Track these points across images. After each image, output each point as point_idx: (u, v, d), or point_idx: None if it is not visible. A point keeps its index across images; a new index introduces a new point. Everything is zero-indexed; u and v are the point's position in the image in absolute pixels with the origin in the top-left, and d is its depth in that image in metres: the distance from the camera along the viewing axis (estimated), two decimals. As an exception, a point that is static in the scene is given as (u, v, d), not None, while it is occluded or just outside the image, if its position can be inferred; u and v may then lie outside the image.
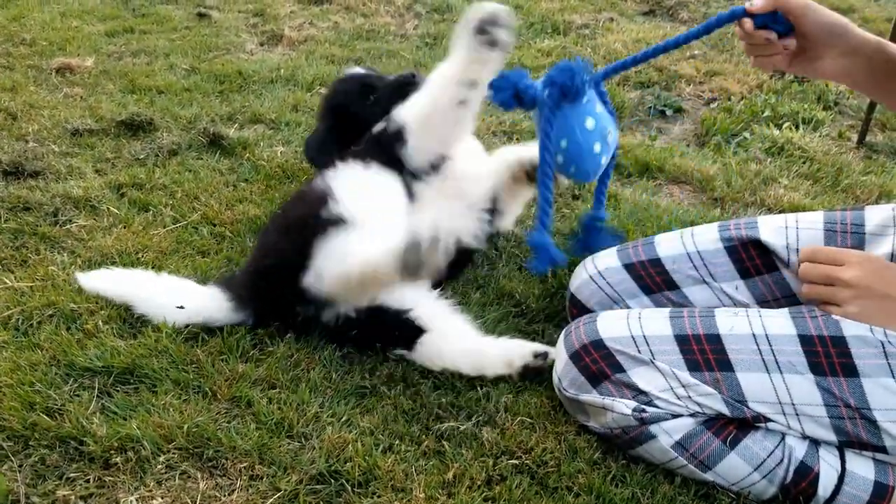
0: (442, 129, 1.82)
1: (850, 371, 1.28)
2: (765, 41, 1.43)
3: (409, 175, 1.86)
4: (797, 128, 3.09)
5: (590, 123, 1.51)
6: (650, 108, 3.32)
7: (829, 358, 1.30)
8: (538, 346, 1.64)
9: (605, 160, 1.58)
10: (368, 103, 2.05)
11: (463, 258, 1.93)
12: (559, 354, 1.51)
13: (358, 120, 2.04)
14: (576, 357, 1.45)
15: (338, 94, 2.18)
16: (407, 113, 1.85)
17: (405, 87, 1.96)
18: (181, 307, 1.70)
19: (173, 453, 1.38)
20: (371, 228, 1.64)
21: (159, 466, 1.35)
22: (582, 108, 1.51)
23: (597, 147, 1.53)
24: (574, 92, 1.48)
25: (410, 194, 1.85)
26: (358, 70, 2.25)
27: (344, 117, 2.11)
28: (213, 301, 1.72)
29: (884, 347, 1.27)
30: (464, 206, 1.92)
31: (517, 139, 2.84)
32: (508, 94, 1.52)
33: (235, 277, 1.79)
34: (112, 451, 1.37)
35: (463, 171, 1.91)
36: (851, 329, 1.30)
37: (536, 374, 1.62)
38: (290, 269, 1.65)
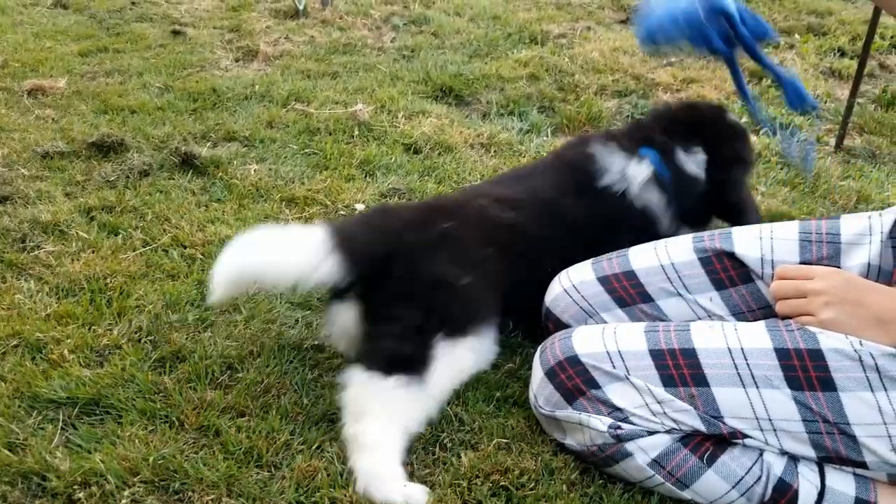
0: None
1: (828, 385, 1.26)
2: None
3: None
4: (774, 133, 3.08)
5: None
6: (628, 116, 3.31)
7: (805, 372, 1.27)
8: None
9: None
10: None
11: None
12: (535, 371, 1.48)
13: None
14: (551, 373, 1.42)
15: None
16: None
17: None
18: None
19: (138, 487, 1.34)
20: None
21: (124, 501, 1.31)
22: None
23: None
24: None
25: None
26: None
27: None
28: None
29: (861, 360, 1.25)
30: None
31: (494, 151, 2.81)
32: None
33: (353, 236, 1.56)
34: (75, 487, 1.33)
35: None
36: (829, 342, 1.27)
37: None
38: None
